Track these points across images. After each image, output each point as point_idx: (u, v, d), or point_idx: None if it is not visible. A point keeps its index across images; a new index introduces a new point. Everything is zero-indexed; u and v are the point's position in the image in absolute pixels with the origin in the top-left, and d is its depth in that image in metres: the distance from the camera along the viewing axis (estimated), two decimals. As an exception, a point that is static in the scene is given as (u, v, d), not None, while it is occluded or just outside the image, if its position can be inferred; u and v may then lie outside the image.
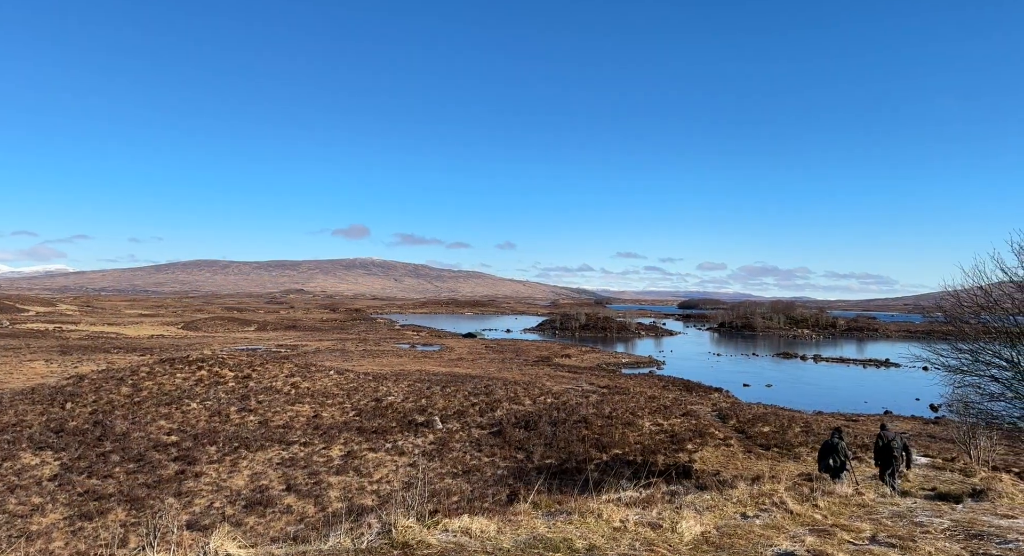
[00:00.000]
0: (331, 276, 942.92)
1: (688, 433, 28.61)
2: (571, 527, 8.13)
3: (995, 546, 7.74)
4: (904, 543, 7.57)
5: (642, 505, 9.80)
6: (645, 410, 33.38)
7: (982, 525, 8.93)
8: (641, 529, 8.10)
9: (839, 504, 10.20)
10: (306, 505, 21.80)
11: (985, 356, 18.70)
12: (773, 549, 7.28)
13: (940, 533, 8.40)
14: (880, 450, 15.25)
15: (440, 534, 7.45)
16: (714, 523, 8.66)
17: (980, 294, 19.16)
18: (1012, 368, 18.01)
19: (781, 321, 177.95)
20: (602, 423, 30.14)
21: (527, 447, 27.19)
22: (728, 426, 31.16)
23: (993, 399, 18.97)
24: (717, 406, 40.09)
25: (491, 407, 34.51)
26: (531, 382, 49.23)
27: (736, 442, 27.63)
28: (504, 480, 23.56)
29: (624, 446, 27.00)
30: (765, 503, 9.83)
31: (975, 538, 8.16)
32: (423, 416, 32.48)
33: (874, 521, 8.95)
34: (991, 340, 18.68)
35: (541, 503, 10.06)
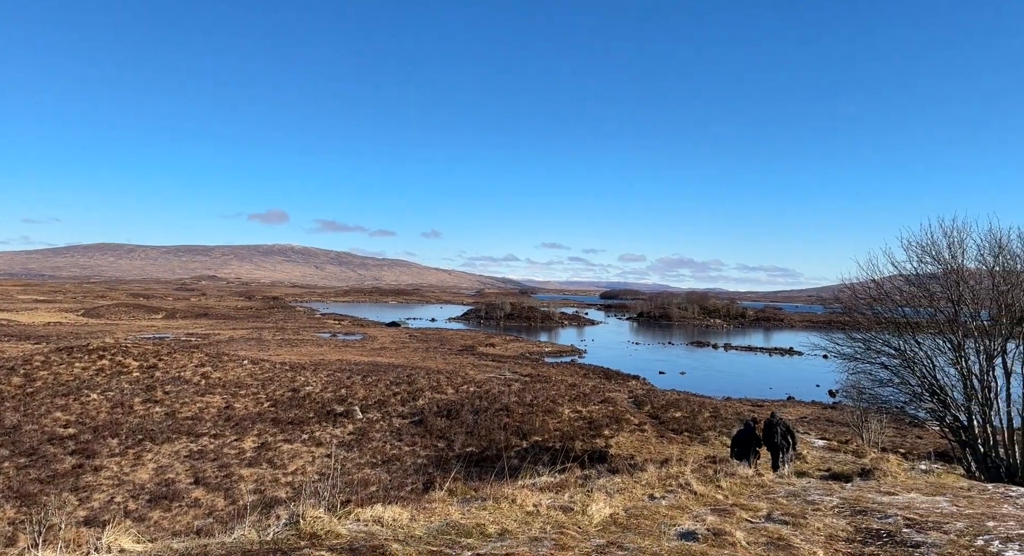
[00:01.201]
0: (247, 262, 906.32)
1: (605, 419, 29.40)
2: (485, 513, 8.20)
3: (876, 520, 8.37)
4: (796, 520, 8.07)
5: (556, 490, 10.00)
6: (565, 398, 34.02)
7: (867, 502, 9.63)
8: (553, 513, 8.27)
9: (740, 485, 10.74)
10: (215, 498, 21.00)
11: (876, 345, 20.08)
12: (676, 528, 7.59)
13: (829, 510, 8.99)
14: (768, 436, 16.21)
15: (351, 524, 7.35)
16: (623, 505, 8.94)
17: (873, 287, 20.55)
18: (900, 356, 19.44)
19: (695, 311, 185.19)
20: (523, 411, 30.51)
21: (449, 436, 27.19)
22: (643, 412, 32.23)
23: (882, 385, 20.41)
24: (634, 393, 41.38)
25: (413, 396, 34.26)
26: (455, 371, 49.18)
27: (650, 427, 28.62)
28: (425, 469, 23.48)
29: (544, 433, 27.44)
30: (672, 485, 10.24)
31: (860, 514, 8.79)
32: (343, 406, 31.88)
33: (771, 500, 9.49)
34: (882, 330, 20.06)
35: (457, 490, 10.09)
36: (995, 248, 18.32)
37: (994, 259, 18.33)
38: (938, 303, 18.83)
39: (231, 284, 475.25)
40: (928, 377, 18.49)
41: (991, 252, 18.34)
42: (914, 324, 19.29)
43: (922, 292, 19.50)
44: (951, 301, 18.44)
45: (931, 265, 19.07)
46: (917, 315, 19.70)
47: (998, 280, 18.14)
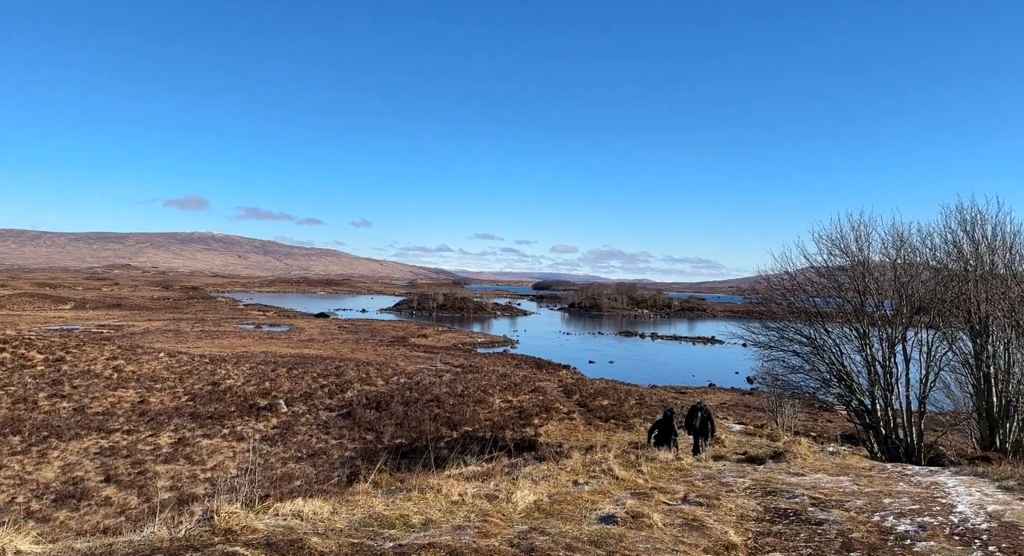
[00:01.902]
0: (164, 251, 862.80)
1: (536, 408, 29.77)
2: (409, 503, 8.14)
3: (784, 500, 8.83)
4: (710, 501, 8.41)
5: (482, 478, 10.05)
6: (496, 388, 34.22)
7: (777, 483, 10.13)
8: (478, 501, 8.30)
9: (660, 469, 11.10)
10: (128, 497, 20.03)
11: (789, 333, 21.08)
12: (597, 513, 7.77)
13: (742, 491, 9.41)
14: (690, 422, 16.85)
15: (269, 519, 7.14)
16: (548, 491, 9.07)
17: (787, 278, 21.57)
18: (810, 344, 20.49)
19: (624, 302, 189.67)
20: (454, 401, 30.49)
21: (378, 428, 26.87)
22: (572, 401, 32.80)
23: (795, 371, 21.46)
24: (563, 382, 42.04)
25: (341, 388, 33.64)
26: (385, 362, 48.58)
27: (579, 415, 29.18)
28: (352, 462, 23.13)
29: (475, 423, 27.53)
30: (595, 471, 10.47)
31: (769, 494, 9.24)
32: (266, 400, 30.96)
33: (688, 483, 9.84)
34: (795, 319, 21.07)
35: (382, 482, 9.99)
36: (897, 242, 19.58)
37: (896, 252, 19.58)
38: (846, 294, 19.95)
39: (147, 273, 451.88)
40: (836, 364, 19.59)
41: (894, 245, 19.59)
42: (824, 314, 20.38)
43: (831, 283, 20.61)
44: (858, 292, 19.57)
45: (840, 257, 20.19)
46: (827, 305, 20.82)
47: (899, 272, 19.39)
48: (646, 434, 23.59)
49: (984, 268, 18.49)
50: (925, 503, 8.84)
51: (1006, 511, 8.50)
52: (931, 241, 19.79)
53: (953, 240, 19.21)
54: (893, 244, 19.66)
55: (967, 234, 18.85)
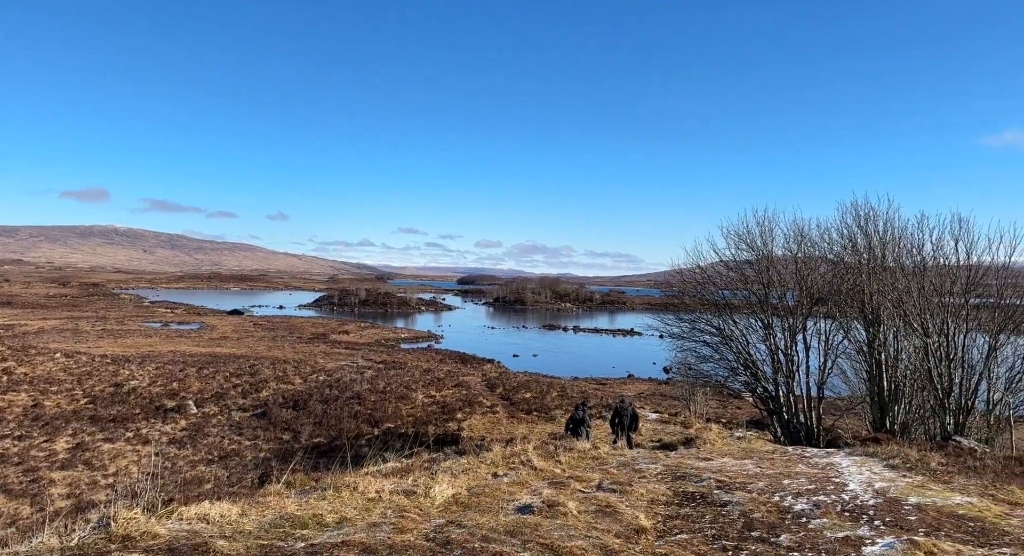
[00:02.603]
0: (61, 245, 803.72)
1: (459, 403, 29.74)
2: (324, 502, 7.96)
3: (692, 484, 9.20)
4: (623, 487, 8.67)
5: (401, 475, 9.95)
6: (420, 383, 33.94)
7: (686, 468, 10.55)
8: (396, 497, 8.21)
9: (578, 458, 11.33)
10: (19, 506, 18.62)
11: (700, 325, 21.99)
12: (515, 503, 7.86)
13: (653, 477, 9.75)
14: (619, 421, 17.28)
15: (172, 524, 6.81)
16: (467, 485, 9.09)
17: (698, 272, 22.47)
18: (720, 334, 21.45)
19: (548, 296, 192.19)
20: (376, 398, 30.03)
21: (295, 427, 26.11)
22: (496, 394, 32.98)
23: (705, 361, 22.41)
24: (487, 376, 42.19)
25: (256, 388, 32.46)
26: (303, 360, 47.23)
27: (502, 409, 29.37)
28: (267, 463, 22.38)
29: (397, 419, 27.22)
30: (515, 462, 10.57)
31: (679, 479, 9.61)
32: (174, 401, 29.47)
33: (603, 471, 10.10)
34: (705, 311, 22.00)
35: (296, 482, 9.71)
36: (798, 236, 20.78)
37: (797, 246, 20.77)
38: (752, 286, 21.00)
39: (41, 269, 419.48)
40: (743, 353, 20.59)
41: (795, 240, 20.78)
42: (732, 305, 21.37)
43: (739, 276, 21.64)
44: (763, 284, 20.64)
45: (746, 252, 21.21)
46: (735, 297, 21.84)
47: (800, 265, 20.58)
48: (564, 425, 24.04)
49: (876, 261, 19.88)
50: (820, 483, 9.44)
51: (891, 487, 9.19)
52: (829, 236, 21.13)
53: (849, 235, 20.57)
54: (794, 239, 20.86)
55: (861, 229, 20.22)
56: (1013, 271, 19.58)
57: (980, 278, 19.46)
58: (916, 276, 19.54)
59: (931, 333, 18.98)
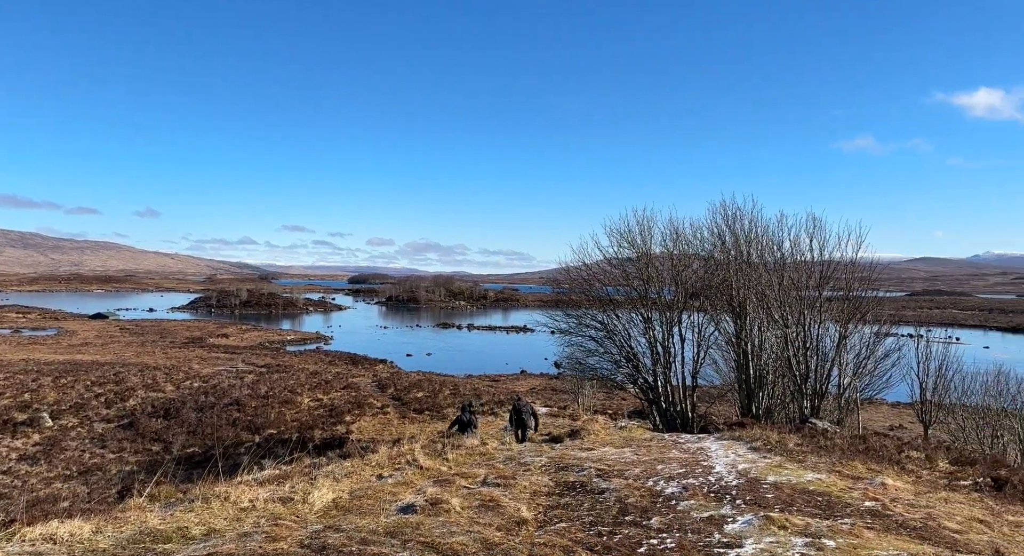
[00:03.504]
0: None
1: (348, 405, 28.96)
2: (191, 515, 7.48)
3: (574, 474, 9.47)
4: (507, 481, 8.78)
5: (279, 482, 9.53)
6: (305, 386, 32.74)
7: (569, 459, 10.84)
8: (271, 505, 7.87)
9: (465, 455, 11.35)
10: None
11: (586, 320, 22.69)
12: (398, 504, 7.75)
13: (538, 469, 9.94)
14: (515, 415, 17.44)
15: (13, 546, 6.16)
16: (349, 488, 8.86)
17: (584, 269, 23.18)
18: (604, 329, 22.24)
19: (442, 294, 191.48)
20: (257, 404, 28.64)
21: (166, 437, 24.38)
22: (387, 395, 32.43)
23: (591, 355, 23.14)
24: (379, 377, 41.41)
25: (122, 397, 30.02)
26: (176, 366, 44.21)
27: (393, 409, 28.91)
28: (134, 477, 20.73)
29: (280, 425, 26.10)
30: (401, 463, 10.43)
31: (562, 470, 9.86)
32: (26, 413, 26.68)
33: (490, 466, 10.18)
34: (591, 307, 22.72)
35: (161, 495, 9.06)
36: (674, 235, 21.95)
37: (673, 244, 21.95)
38: (633, 282, 21.94)
39: None
40: (625, 346, 21.48)
41: (671, 238, 21.93)
42: (615, 301, 22.23)
43: (621, 273, 22.56)
44: (643, 280, 21.62)
45: (628, 250, 22.16)
46: (618, 293, 22.73)
47: (676, 262, 21.74)
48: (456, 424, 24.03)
49: (742, 258, 21.39)
50: (691, 467, 10.01)
51: (752, 468, 9.91)
52: (701, 234, 22.50)
53: (719, 233, 22.00)
54: (671, 237, 22.04)
55: (729, 228, 21.69)
56: (860, 266, 21.73)
57: (832, 273, 21.47)
58: (777, 271, 21.26)
59: (790, 324, 20.69)
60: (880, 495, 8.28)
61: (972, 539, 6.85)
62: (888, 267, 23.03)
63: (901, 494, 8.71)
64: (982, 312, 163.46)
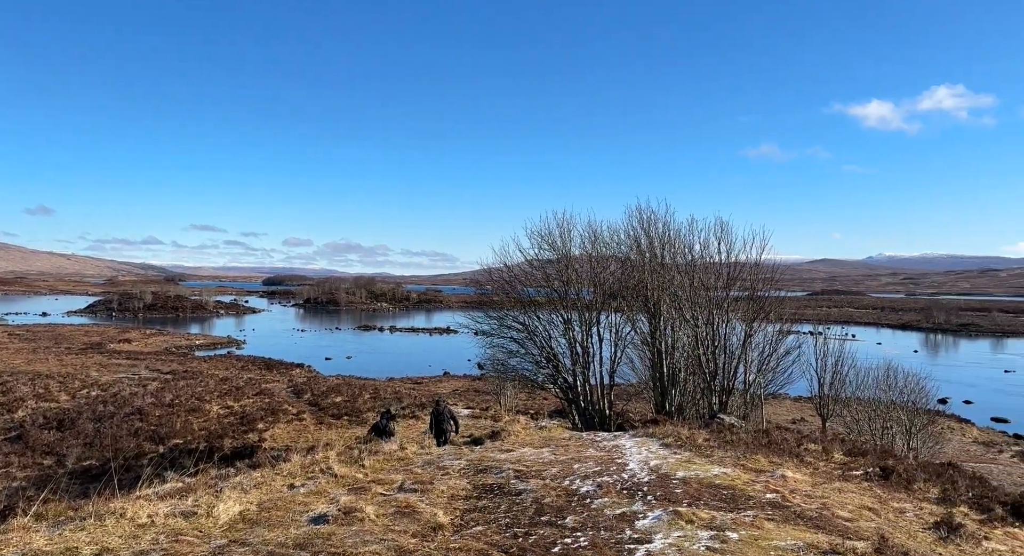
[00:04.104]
0: None
1: (261, 412, 27.89)
2: (82, 534, 6.98)
3: (492, 476, 9.48)
4: (425, 486, 8.68)
5: (181, 495, 9.04)
6: (215, 394, 31.30)
7: (488, 461, 10.85)
8: (172, 520, 7.45)
9: (383, 461, 11.15)
10: None
11: (508, 321, 22.81)
12: (309, 514, 7.52)
13: (457, 472, 9.89)
14: (435, 419, 17.27)
15: None
16: (258, 499, 8.52)
17: (506, 270, 23.31)
18: (525, 330, 22.43)
19: (363, 296, 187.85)
20: (161, 413, 27.13)
21: (59, 450, 22.70)
22: (303, 400, 31.46)
23: (513, 356, 23.29)
24: (294, 382, 40.11)
25: (9, 408, 27.73)
26: (72, 374, 41.28)
27: (309, 415, 28.07)
28: (21, 494, 19.15)
29: (187, 434, 24.82)
30: (314, 471, 10.12)
31: (481, 472, 9.85)
32: None
33: (407, 471, 10.04)
34: (512, 308, 22.86)
35: (49, 513, 8.40)
36: (592, 237, 22.43)
37: (592, 246, 22.42)
38: (553, 284, 22.26)
39: None
40: (546, 347, 21.75)
41: (590, 240, 22.40)
42: (536, 302, 22.47)
43: (542, 274, 22.83)
44: (563, 282, 21.97)
45: (548, 251, 22.46)
46: (538, 294, 22.99)
47: (594, 264, 22.22)
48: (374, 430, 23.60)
49: (656, 260, 22.12)
50: (606, 465, 10.24)
51: (663, 464, 10.24)
52: (618, 237, 23.11)
53: (634, 236, 22.67)
54: (589, 239, 22.52)
55: (644, 231, 22.38)
56: (764, 267, 22.93)
57: (738, 274, 22.56)
58: (688, 273, 22.14)
59: (700, 323, 21.57)
60: (780, 487, 8.74)
61: (861, 526, 7.34)
62: (790, 268, 24.43)
63: (800, 485, 9.24)
64: (875, 310, 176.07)
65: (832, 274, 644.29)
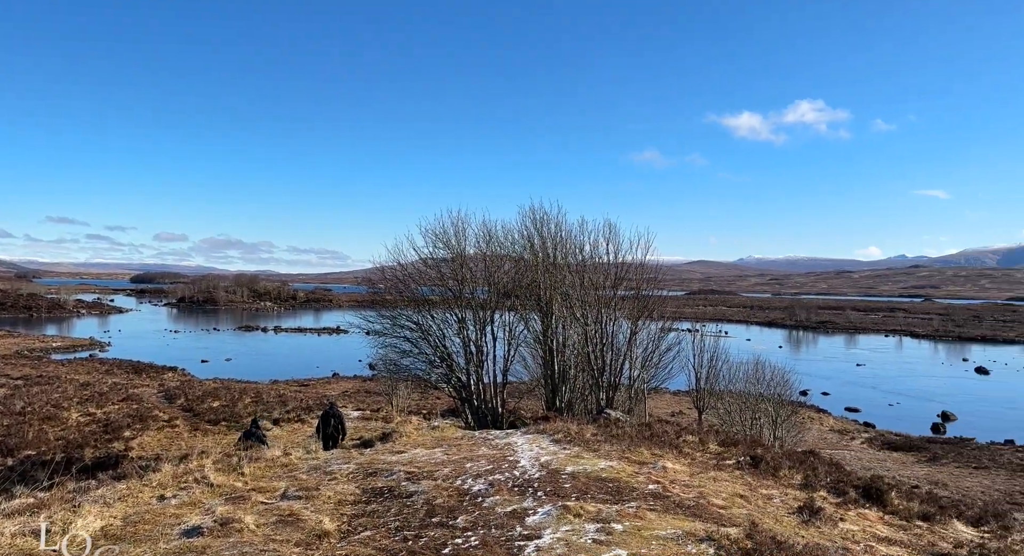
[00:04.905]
0: None
1: (128, 419, 25.77)
2: (-96, 566, 6.14)
3: (382, 479, 9.27)
4: (310, 493, 8.34)
5: (32, 511, 8.15)
6: (74, 400, 28.62)
7: (379, 463, 10.60)
8: (20, 540, 6.71)
9: (265, 468, 10.61)
10: None
11: (401, 320, 22.44)
12: (181, 527, 7.02)
13: (344, 477, 9.59)
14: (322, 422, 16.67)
15: None
16: (123, 513, 7.85)
17: (399, 269, 22.92)
18: (419, 329, 22.15)
19: (245, 294, 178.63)
20: (10, 421, 24.45)
21: None
22: (176, 406, 29.43)
23: (406, 355, 22.93)
24: (166, 386, 37.48)
25: None
26: None
27: (183, 421, 26.28)
28: None
29: (41, 445, 22.51)
30: (188, 481, 9.46)
31: (370, 475, 9.61)
32: None
33: (291, 478, 9.61)
34: (406, 307, 22.51)
35: None
36: (487, 236, 22.55)
37: (486, 245, 22.54)
38: (448, 283, 22.15)
39: None
40: (440, 346, 21.61)
41: (484, 240, 22.50)
42: (431, 301, 22.27)
43: (436, 273, 22.66)
44: (457, 281, 21.91)
45: (443, 250, 22.33)
46: (433, 293, 22.80)
47: (489, 263, 22.35)
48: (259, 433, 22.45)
49: (549, 260, 22.59)
50: (497, 463, 10.30)
51: (553, 460, 10.45)
52: (512, 236, 23.39)
53: (528, 236, 23.04)
54: (484, 238, 22.62)
55: (537, 231, 22.79)
56: (648, 268, 24.05)
57: (625, 274, 23.52)
58: (579, 273, 22.81)
59: (589, 322, 22.26)
60: (661, 478, 9.17)
61: (734, 513, 7.83)
62: (671, 269, 25.84)
63: (679, 476, 9.73)
64: (745, 309, 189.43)
65: (708, 275, 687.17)
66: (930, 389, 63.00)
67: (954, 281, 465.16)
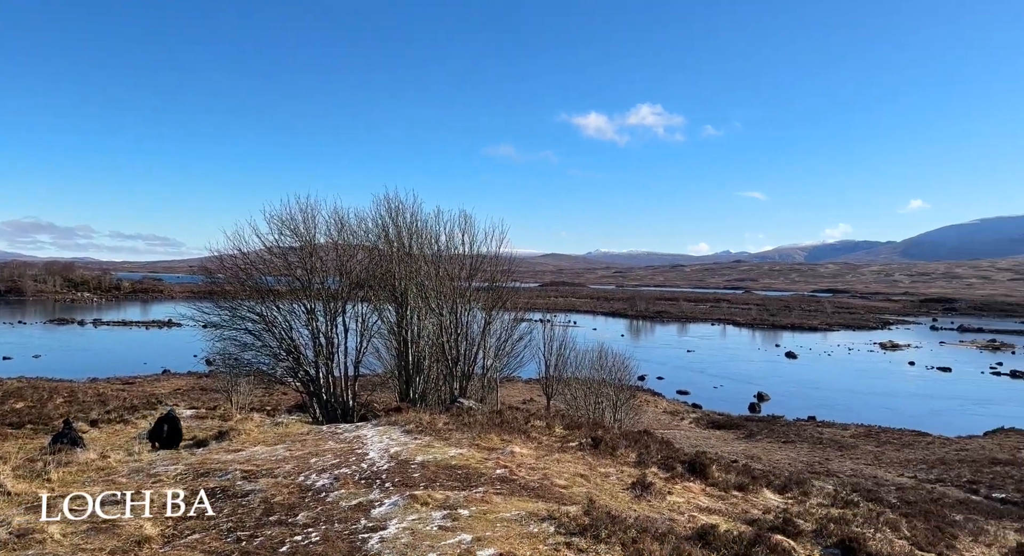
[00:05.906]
0: None
1: (-100, 428, 21.91)
2: None
3: (216, 479, 8.67)
4: (130, 497, 7.58)
5: None
6: None
7: (212, 463, 9.89)
8: None
9: (77, 472, 9.53)
10: None
11: (242, 312, 21.00)
12: (-34, 546, 6.09)
13: (172, 479, 8.84)
14: (157, 434, 15.20)
15: None
16: None
17: (241, 257, 21.41)
18: (262, 321, 20.87)
19: (58, 284, 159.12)
20: None
21: None
22: (-33, 410, 25.52)
23: (247, 349, 21.51)
24: (-45, 388, 32.37)
25: None
26: None
27: (-25, 428, 22.83)
28: None
29: None
30: (-22, 493, 8.24)
31: (202, 476, 8.94)
32: None
33: (109, 482, 8.72)
34: (247, 297, 21.10)
35: None
36: (339, 225, 21.75)
37: (338, 234, 21.73)
38: (296, 272, 21.09)
39: None
40: (286, 339, 20.53)
41: (336, 228, 21.68)
42: (276, 292, 21.07)
43: (283, 262, 21.48)
44: (306, 270, 20.92)
45: (291, 238, 21.19)
46: (279, 283, 21.59)
47: (341, 252, 21.58)
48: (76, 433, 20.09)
49: (404, 250, 22.26)
50: (345, 456, 10.00)
51: (403, 451, 10.34)
52: (366, 225, 22.75)
53: (383, 225, 22.52)
54: (336, 226, 21.78)
55: (392, 221, 22.36)
56: (502, 259, 24.50)
57: (480, 265, 23.79)
58: (435, 263, 22.71)
59: (445, 312, 22.28)
60: (509, 462, 9.40)
61: (575, 492, 8.21)
62: (524, 261, 26.64)
63: (526, 459, 10.03)
64: (593, 300, 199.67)
65: (559, 267, 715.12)
66: (748, 372, 70.42)
67: (769, 275, 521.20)
